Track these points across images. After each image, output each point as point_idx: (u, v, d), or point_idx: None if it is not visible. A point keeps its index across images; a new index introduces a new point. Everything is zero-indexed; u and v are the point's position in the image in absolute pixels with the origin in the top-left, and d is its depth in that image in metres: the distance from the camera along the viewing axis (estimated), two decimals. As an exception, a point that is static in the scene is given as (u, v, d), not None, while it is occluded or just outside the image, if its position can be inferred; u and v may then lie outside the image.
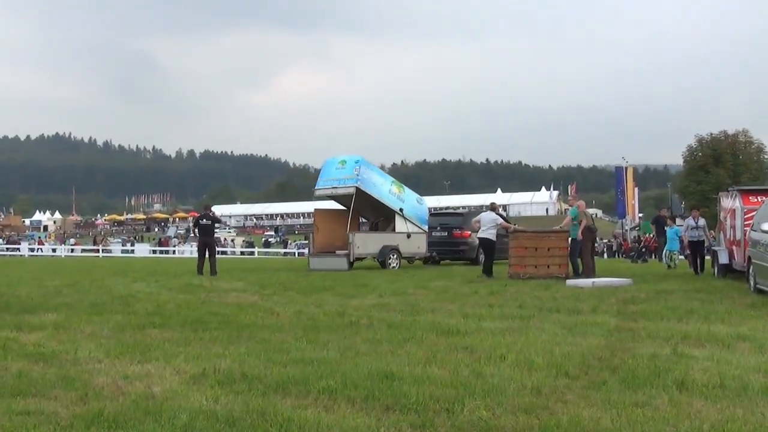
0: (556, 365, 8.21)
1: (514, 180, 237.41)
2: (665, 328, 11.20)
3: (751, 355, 8.95)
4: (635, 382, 7.44)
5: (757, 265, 16.62)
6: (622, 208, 71.18)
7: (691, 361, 8.51)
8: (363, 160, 30.36)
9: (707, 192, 59.56)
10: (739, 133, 68.27)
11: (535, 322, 12.16)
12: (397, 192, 31.06)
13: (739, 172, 64.44)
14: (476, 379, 7.62)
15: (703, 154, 66.55)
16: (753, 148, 68.08)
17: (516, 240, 22.46)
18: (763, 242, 16.18)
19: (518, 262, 22.17)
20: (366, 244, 29.49)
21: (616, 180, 73.47)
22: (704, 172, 65.11)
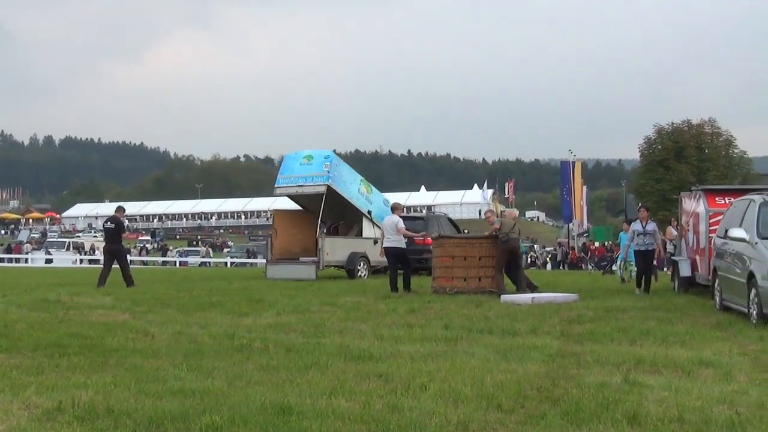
0: (487, 396, 8.31)
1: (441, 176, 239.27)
2: (616, 352, 11.42)
3: (715, 384, 9.20)
4: (579, 415, 7.57)
5: (723, 278, 17.04)
6: (568, 211, 72.06)
7: (645, 390, 8.71)
8: (333, 156, 31.32)
9: (667, 192, 60.60)
10: (705, 123, 69.51)
11: (463, 345, 12.29)
12: (365, 192, 32.08)
13: (705, 168, 65.68)
14: (391, 414, 7.67)
15: (663, 148, 67.59)
16: (721, 140, 69.38)
17: (441, 248, 22.52)
18: (730, 251, 16.59)
19: (444, 273, 22.27)
20: (335, 251, 30.25)
21: (562, 177, 74.26)
22: (664, 168, 66.19)
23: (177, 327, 14.63)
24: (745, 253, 15.58)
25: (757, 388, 8.94)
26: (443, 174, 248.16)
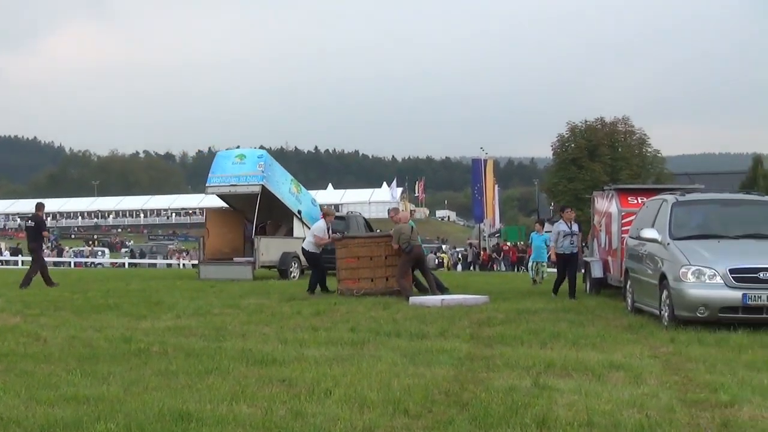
0: (394, 401, 8.37)
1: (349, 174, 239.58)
2: (526, 355, 11.56)
3: (625, 387, 9.37)
4: (488, 420, 7.67)
5: (635, 279, 17.35)
6: (479, 210, 72.65)
7: (555, 394, 8.84)
8: (266, 155, 32.22)
9: (580, 191, 61.24)
10: (619, 121, 70.50)
11: (370, 348, 12.34)
12: (295, 192, 33.05)
13: (618, 167, 66.62)
14: (294, 420, 7.68)
15: (576, 146, 68.43)
16: (634, 139, 70.41)
17: (345, 249, 22.57)
18: (642, 252, 16.89)
19: (350, 275, 22.32)
20: (268, 251, 30.90)
21: (473, 175, 74.85)
22: (577, 167, 67.02)
23: (71, 330, 14.43)
24: (657, 254, 15.88)
25: (668, 391, 9.13)
26: (351, 172, 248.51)
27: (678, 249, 15.17)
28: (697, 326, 14.11)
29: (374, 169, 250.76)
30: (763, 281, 14.11)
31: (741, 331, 13.59)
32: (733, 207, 17.22)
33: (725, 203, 17.42)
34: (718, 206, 17.24)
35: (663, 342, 13.01)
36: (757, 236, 15.82)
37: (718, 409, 8.29)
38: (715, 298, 14.21)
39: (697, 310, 14.26)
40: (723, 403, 8.52)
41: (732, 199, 17.74)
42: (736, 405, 8.42)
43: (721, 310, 14.21)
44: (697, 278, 14.40)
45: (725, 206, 17.25)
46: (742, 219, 16.67)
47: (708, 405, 8.46)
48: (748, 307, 14.09)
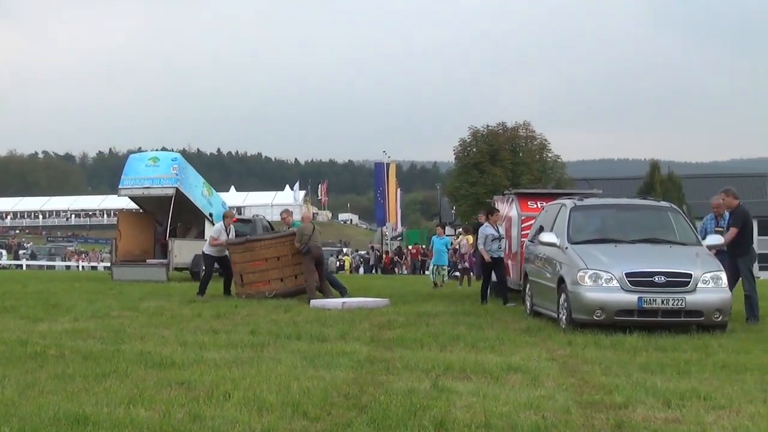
0: (293, 404, 8.37)
1: (251, 176, 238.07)
2: (425, 357, 11.65)
3: (523, 389, 9.49)
4: (386, 422, 7.71)
5: (534, 283, 17.56)
6: (381, 213, 72.82)
7: (454, 396, 8.92)
8: (180, 158, 32.48)
9: (481, 195, 61.57)
10: (520, 126, 71.07)
11: (270, 351, 12.32)
12: (207, 194, 33.30)
13: (519, 172, 67.08)
14: (193, 423, 7.65)
15: (477, 150, 68.76)
16: (535, 144, 70.96)
17: (252, 252, 22.49)
18: (542, 256, 17.11)
19: (260, 278, 22.25)
20: (182, 253, 31.12)
21: (376, 179, 75.01)
22: (479, 171, 67.30)
23: (-36, 333, 14.17)
24: (556, 258, 16.10)
25: (564, 393, 9.26)
26: (254, 174, 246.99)
27: (576, 253, 15.40)
28: (594, 329, 14.33)
29: (277, 171, 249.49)
30: (658, 285, 14.40)
31: (636, 333, 13.83)
32: (629, 212, 17.53)
33: (622, 208, 17.73)
34: (615, 211, 17.55)
35: (560, 345, 13.20)
36: (653, 241, 16.14)
37: (613, 410, 8.43)
38: (612, 301, 14.46)
39: (593, 313, 14.49)
40: (617, 404, 8.67)
41: (629, 204, 18.07)
42: (630, 406, 8.58)
43: (617, 313, 14.46)
44: (594, 282, 14.63)
45: (622, 211, 17.55)
46: (638, 224, 16.97)
47: (603, 406, 8.60)
48: (643, 310, 14.36)
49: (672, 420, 8.06)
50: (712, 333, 14.36)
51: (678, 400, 8.87)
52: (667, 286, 14.44)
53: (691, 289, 14.48)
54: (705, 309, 14.48)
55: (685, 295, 14.38)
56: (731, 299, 14.87)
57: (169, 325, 15.65)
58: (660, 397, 9.07)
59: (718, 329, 14.64)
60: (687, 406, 8.65)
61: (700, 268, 14.82)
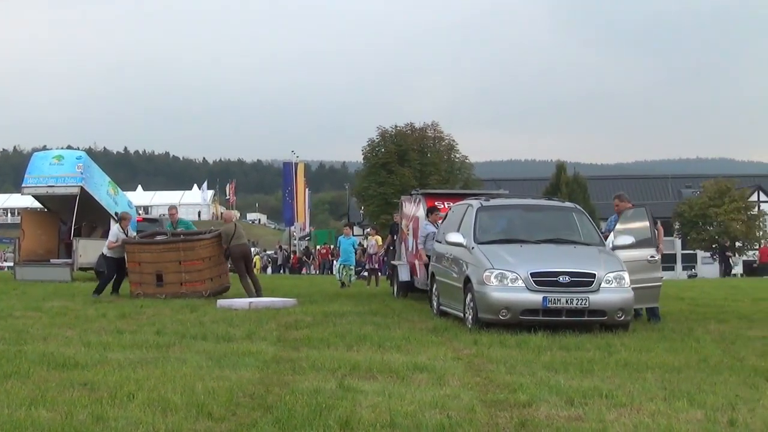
0: (198, 405, 8.30)
1: (159, 175, 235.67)
2: (332, 357, 11.64)
3: (428, 388, 9.53)
4: (292, 422, 7.69)
5: (441, 283, 17.64)
6: (289, 213, 72.55)
7: (359, 396, 8.93)
8: (85, 157, 31.88)
9: (390, 195, 61.70)
10: (428, 127, 71.27)
11: (176, 351, 12.22)
12: (113, 194, 32.72)
13: (427, 172, 67.30)
14: (95, 424, 7.56)
15: (386, 151, 68.81)
16: (443, 145, 71.19)
17: (192, 251, 22.42)
18: (448, 256, 17.19)
19: (198, 277, 22.26)
20: (86, 253, 30.53)
21: (284, 179, 74.70)
22: (387, 171, 67.33)
23: None
24: (462, 258, 16.19)
25: (469, 392, 9.32)
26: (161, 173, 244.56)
27: (482, 253, 15.50)
28: (500, 328, 14.45)
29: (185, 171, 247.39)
30: (563, 285, 14.58)
31: (541, 333, 13.97)
32: (535, 212, 17.71)
33: (528, 209, 17.91)
34: (520, 211, 17.72)
35: (466, 344, 13.27)
36: (558, 241, 16.34)
37: (517, 408, 8.51)
38: (517, 301, 14.59)
39: (499, 313, 14.61)
40: (521, 402, 8.75)
41: (534, 204, 18.26)
42: (533, 405, 8.66)
43: (522, 313, 14.60)
44: (499, 282, 14.75)
45: (528, 211, 17.73)
46: (543, 224, 17.16)
47: (507, 405, 8.68)
48: (548, 309, 14.52)
49: (574, 418, 8.15)
50: (614, 332, 14.56)
51: (581, 399, 8.98)
52: (571, 285, 14.62)
53: (595, 288, 14.68)
54: (608, 308, 14.68)
55: (588, 295, 14.58)
56: (633, 299, 15.09)
57: (73, 326, 15.43)
58: (563, 395, 9.17)
59: (621, 328, 14.86)
60: (589, 404, 8.76)
61: (603, 268, 15.03)
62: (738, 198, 76.51)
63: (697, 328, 15.78)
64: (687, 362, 11.73)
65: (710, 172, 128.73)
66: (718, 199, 75.38)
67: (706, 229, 77.23)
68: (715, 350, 12.91)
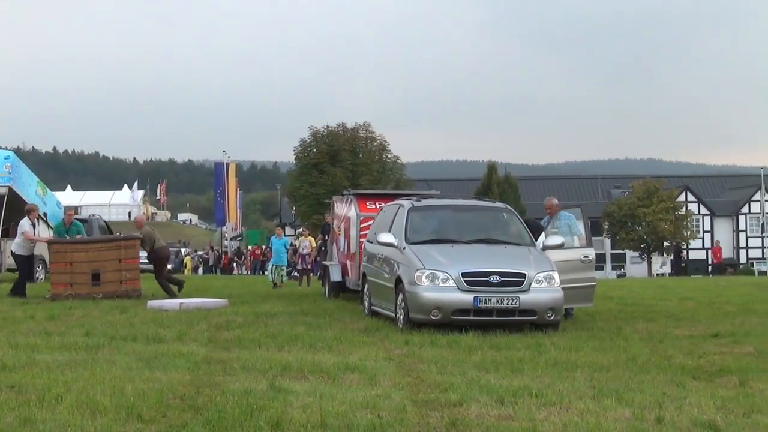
0: (127, 406, 8.23)
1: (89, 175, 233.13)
2: (263, 358, 11.62)
3: (359, 389, 9.54)
4: (222, 423, 7.65)
5: (372, 283, 17.65)
6: (221, 213, 72.25)
7: (290, 396, 8.91)
8: (13, 156, 31.09)
9: (321, 195, 61.68)
10: (360, 127, 71.34)
11: (105, 353, 12.10)
12: (41, 194, 32.10)
13: (359, 173, 67.36)
14: (22, 427, 7.47)
15: (318, 151, 68.77)
16: (375, 145, 71.27)
17: (133, 249, 22.30)
18: (380, 256, 17.22)
19: (136, 275, 22.24)
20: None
21: (215, 179, 74.40)
22: (319, 171, 67.28)
23: None
24: (394, 258, 16.22)
25: (400, 392, 9.34)
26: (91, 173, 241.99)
27: (413, 253, 15.54)
28: (431, 328, 14.50)
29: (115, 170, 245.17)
30: (493, 285, 14.66)
31: (472, 332, 14.04)
32: (466, 212, 17.79)
33: (459, 209, 17.99)
34: (452, 212, 17.79)
35: (398, 344, 13.31)
36: (489, 241, 16.44)
37: (448, 408, 8.55)
38: (448, 301, 14.65)
39: (430, 313, 14.65)
40: (452, 402, 8.79)
41: (465, 205, 18.35)
42: (464, 404, 8.70)
43: (453, 313, 14.66)
44: (431, 282, 14.80)
45: (459, 212, 17.81)
46: (474, 224, 17.25)
47: (438, 404, 8.71)
48: (478, 309, 14.59)
49: (504, 417, 8.21)
50: (545, 331, 14.69)
51: (511, 398, 9.05)
52: (502, 285, 14.71)
53: (525, 288, 14.78)
54: (538, 308, 14.80)
55: (519, 295, 14.68)
56: (563, 298, 15.23)
57: (0, 327, 15.22)
58: (494, 394, 9.23)
59: (551, 328, 14.99)
60: (519, 403, 8.82)
61: (533, 268, 15.14)
62: (666, 198, 77.57)
63: (626, 327, 15.97)
64: (615, 361, 11.87)
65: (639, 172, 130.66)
66: (647, 200, 76.34)
67: (634, 228, 78.19)
68: (643, 349, 13.07)
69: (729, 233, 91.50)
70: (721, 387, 10.09)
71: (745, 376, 10.66)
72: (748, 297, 23.85)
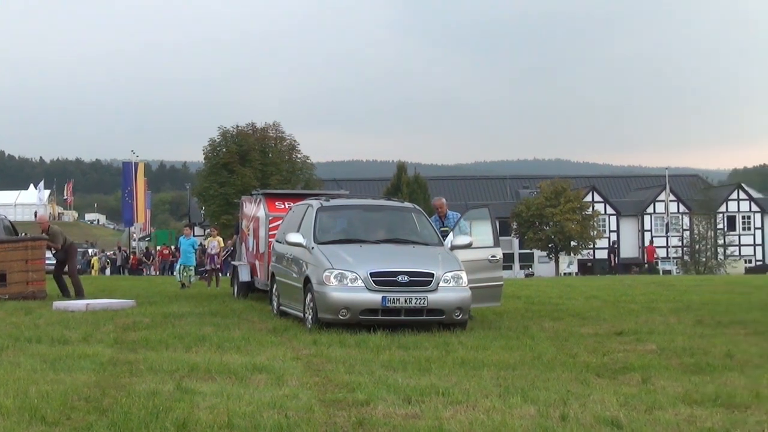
0: (31, 409, 8.12)
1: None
2: (170, 359, 11.53)
3: (267, 389, 9.52)
4: (128, 425, 7.58)
5: (281, 283, 17.61)
6: (129, 214, 71.54)
7: (197, 397, 8.86)
8: None
9: (231, 195, 61.36)
10: (270, 127, 71.15)
11: (9, 355, 11.93)
12: None
13: (269, 172, 67.18)
14: None
15: (227, 151, 68.47)
16: (285, 145, 71.17)
17: (40, 250, 22.02)
18: (288, 256, 17.18)
19: (42, 276, 22.09)
20: None
21: (124, 178, 73.67)
22: (228, 171, 67.02)
23: None
24: (302, 258, 16.19)
25: (308, 392, 9.34)
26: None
27: (322, 253, 15.54)
28: (339, 328, 14.51)
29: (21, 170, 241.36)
30: (401, 284, 14.72)
31: (380, 332, 14.07)
32: (374, 212, 17.83)
33: (367, 209, 18.03)
34: (360, 212, 17.83)
35: (306, 344, 13.29)
36: (397, 241, 16.50)
37: (355, 407, 8.56)
38: (357, 300, 14.67)
39: (339, 313, 14.67)
40: (359, 401, 8.81)
41: (373, 204, 18.38)
42: (371, 403, 8.72)
43: (362, 313, 14.69)
44: (339, 282, 14.81)
45: (367, 212, 17.85)
46: (383, 224, 17.29)
47: (345, 404, 8.72)
48: (387, 309, 14.65)
49: (411, 416, 8.24)
50: (452, 331, 14.77)
51: (418, 397, 9.10)
52: (410, 285, 14.77)
53: (433, 288, 14.86)
54: (446, 307, 14.89)
55: (427, 294, 14.76)
56: (471, 298, 15.34)
57: None
58: (401, 393, 9.27)
59: (459, 327, 15.07)
60: (426, 401, 8.87)
61: (441, 267, 15.22)
62: (573, 198, 78.61)
63: (533, 326, 16.14)
64: (522, 359, 12.00)
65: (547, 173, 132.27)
66: (555, 200, 77.31)
67: (542, 228, 79.09)
68: (549, 347, 13.22)
69: (634, 233, 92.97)
70: (624, 384, 10.26)
71: (648, 374, 10.84)
72: (652, 296, 24.22)
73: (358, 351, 12.54)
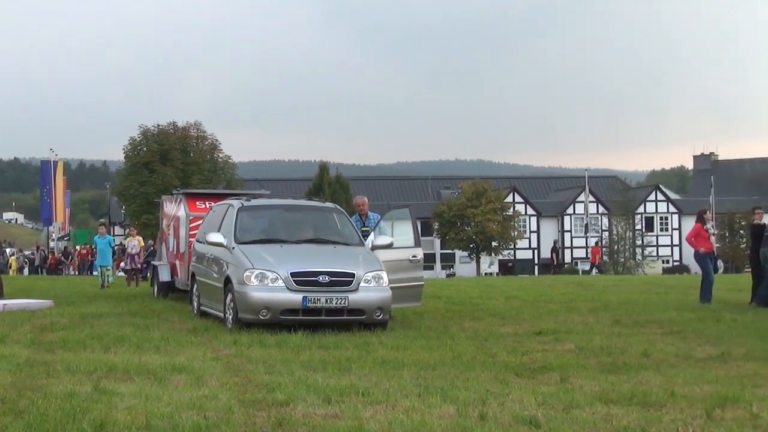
0: (-56, 411, 7.99)
1: None
2: (88, 359, 11.40)
3: (186, 389, 9.46)
4: (44, 427, 7.49)
5: (201, 283, 17.51)
6: (48, 213, 70.73)
7: (115, 398, 8.77)
8: None
9: (151, 195, 60.90)
10: (191, 126, 70.75)
11: None
12: None
13: (190, 172, 66.79)
14: None
15: (148, 150, 67.99)
16: (206, 144, 70.86)
17: None
18: (209, 256, 17.09)
19: None
20: None
21: (42, 177, 72.80)
22: (149, 170, 66.54)
23: None
24: (223, 258, 16.12)
25: (227, 392, 9.30)
26: None
27: (242, 253, 15.48)
28: (260, 328, 14.46)
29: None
30: (322, 284, 14.72)
31: (301, 332, 14.05)
32: (295, 212, 17.82)
33: (288, 209, 18.02)
34: (281, 212, 17.81)
35: (226, 344, 13.24)
36: (318, 241, 16.51)
37: (275, 408, 8.54)
38: (277, 300, 14.65)
39: (259, 313, 14.63)
40: (279, 402, 8.79)
41: (294, 205, 18.36)
42: (291, 404, 8.71)
43: (282, 313, 14.66)
44: (260, 281, 14.77)
45: (288, 212, 17.84)
46: (304, 224, 17.30)
47: (265, 404, 8.69)
48: (307, 309, 14.64)
49: (331, 416, 8.25)
50: (373, 331, 14.80)
51: (338, 396, 9.10)
52: (331, 285, 14.78)
53: (354, 288, 14.89)
54: (367, 307, 14.92)
55: (348, 294, 14.77)
56: (391, 298, 15.38)
57: None
58: (321, 393, 9.26)
59: (380, 327, 15.10)
60: (346, 401, 8.88)
61: (362, 267, 15.25)
62: (494, 199, 79.23)
63: (453, 325, 16.24)
64: (442, 359, 12.08)
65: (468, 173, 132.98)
66: (476, 200, 77.82)
67: (464, 229, 79.54)
68: (468, 347, 13.32)
69: (554, 233, 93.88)
70: (543, 383, 10.36)
71: (566, 373, 10.97)
72: (571, 295, 24.50)
73: (279, 351, 12.52)
